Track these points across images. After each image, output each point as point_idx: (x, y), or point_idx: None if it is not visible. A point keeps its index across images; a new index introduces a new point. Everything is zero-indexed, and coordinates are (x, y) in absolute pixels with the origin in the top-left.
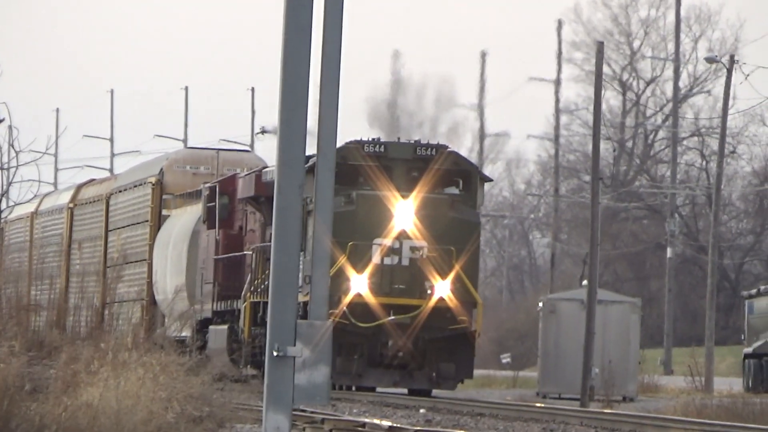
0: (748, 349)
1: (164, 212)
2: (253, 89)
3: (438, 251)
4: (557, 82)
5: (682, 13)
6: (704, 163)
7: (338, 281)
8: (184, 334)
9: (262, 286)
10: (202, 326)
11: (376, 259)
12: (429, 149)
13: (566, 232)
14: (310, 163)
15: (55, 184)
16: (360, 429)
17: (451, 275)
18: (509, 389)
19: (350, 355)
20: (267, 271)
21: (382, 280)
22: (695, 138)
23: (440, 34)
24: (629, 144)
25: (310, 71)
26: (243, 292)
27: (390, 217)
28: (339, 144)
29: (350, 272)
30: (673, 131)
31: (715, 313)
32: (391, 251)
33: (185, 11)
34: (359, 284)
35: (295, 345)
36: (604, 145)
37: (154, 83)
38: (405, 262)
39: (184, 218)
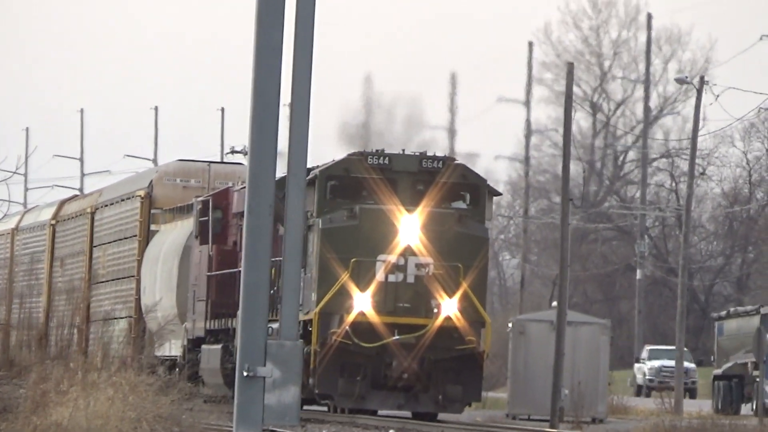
0: (718, 371)
1: (153, 227)
2: (223, 109)
3: (444, 268)
4: (527, 103)
5: (653, 34)
6: (674, 184)
7: (341, 299)
8: (173, 353)
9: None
10: (194, 345)
11: (380, 276)
12: (435, 161)
13: (536, 253)
14: (310, 176)
15: (24, 204)
16: None
17: (459, 293)
18: (478, 410)
19: (353, 377)
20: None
21: (386, 298)
22: (665, 159)
23: (411, 54)
24: (599, 165)
25: (281, 92)
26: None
27: (395, 233)
28: (341, 156)
29: (353, 290)
30: (643, 152)
31: (684, 335)
32: (396, 268)
33: (155, 31)
34: (362, 302)
35: (265, 365)
36: (574, 166)
37: (124, 103)
38: (410, 279)
39: (174, 233)
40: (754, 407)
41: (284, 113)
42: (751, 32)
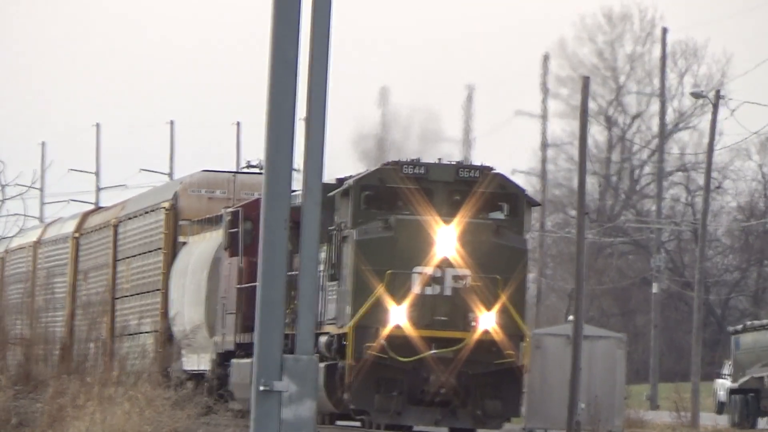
0: (735, 385)
1: (180, 239)
2: (238, 123)
3: (483, 280)
4: (543, 117)
5: (668, 48)
6: (690, 198)
7: (376, 312)
8: (202, 367)
9: (290, 318)
10: (224, 359)
11: (416, 288)
12: (472, 171)
13: (552, 267)
14: (345, 186)
15: (41, 218)
16: None
17: (497, 306)
18: None
19: (389, 392)
20: (295, 302)
21: (422, 312)
22: (681, 173)
23: (427, 68)
24: (615, 179)
25: (297, 106)
26: None
27: (431, 244)
28: (376, 166)
29: (389, 303)
30: (659, 166)
31: (701, 349)
32: (433, 280)
33: (171, 46)
34: (398, 316)
35: (281, 380)
36: (589, 180)
37: (140, 117)
38: (447, 291)
39: (202, 245)
40: None
41: (300, 128)
42: (766, 46)
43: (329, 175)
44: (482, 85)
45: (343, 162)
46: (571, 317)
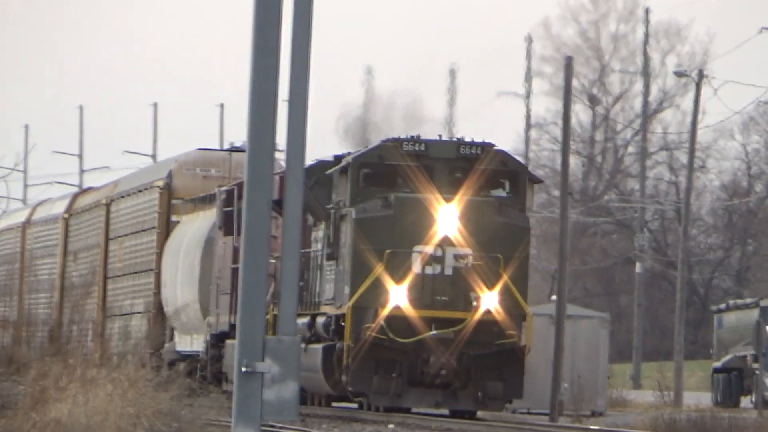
0: (718, 364)
1: (173, 218)
2: (222, 105)
3: (484, 259)
4: (527, 97)
5: (651, 27)
6: (673, 177)
7: (375, 293)
8: (196, 348)
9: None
10: (218, 340)
11: (416, 268)
12: (474, 148)
13: (535, 246)
14: (343, 164)
15: (24, 201)
16: None
17: (499, 285)
18: None
19: (388, 374)
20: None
21: (423, 292)
22: (664, 152)
23: (410, 49)
24: (598, 158)
25: (279, 88)
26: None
27: (432, 223)
28: (374, 144)
29: (388, 283)
30: (643, 146)
31: (684, 328)
32: (433, 260)
33: (155, 27)
34: (398, 296)
35: (263, 361)
36: (573, 160)
37: (123, 100)
38: (448, 271)
39: (196, 224)
40: (754, 400)
41: (283, 109)
42: (749, 25)
43: (312, 157)
44: (466, 66)
45: (328, 144)
46: (554, 297)
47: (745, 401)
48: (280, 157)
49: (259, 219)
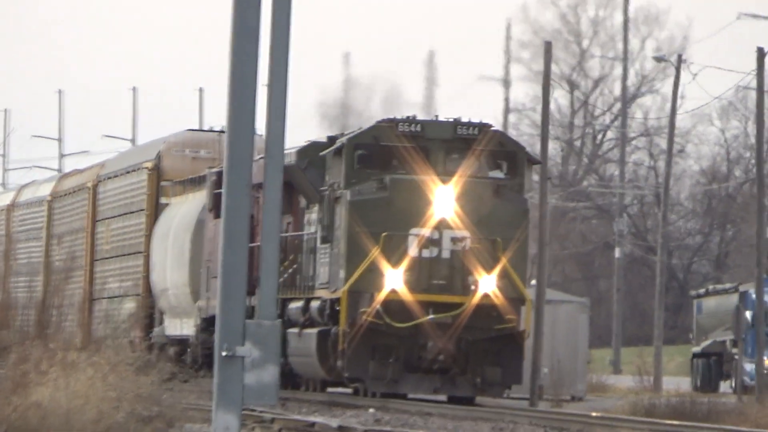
0: (697, 349)
1: (162, 200)
2: (201, 89)
3: (482, 242)
4: (506, 82)
5: (631, 12)
6: (653, 162)
7: (371, 276)
8: (186, 332)
9: (279, 281)
10: (208, 324)
11: (412, 251)
12: (471, 128)
13: None
14: (337, 145)
15: (3, 185)
16: (309, 429)
17: (497, 269)
18: None
19: (385, 359)
20: (283, 265)
21: (419, 275)
22: (644, 137)
23: (389, 33)
24: (578, 143)
25: (259, 72)
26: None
27: (428, 205)
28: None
29: (384, 266)
30: (622, 131)
31: (663, 313)
32: (430, 242)
33: (134, 11)
34: (394, 279)
35: (243, 345)
36: (552, 145)
37: (103, 84)
38: (445, 254)
39: (186, 207)
40: (733, 385)
41: (262, 93)
42: (728, 11)
43: (292, 141)
44: (445, 50)
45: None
46: (533, 282)
47: (725, 386)
48: (257, 139)
49: (238, 203)
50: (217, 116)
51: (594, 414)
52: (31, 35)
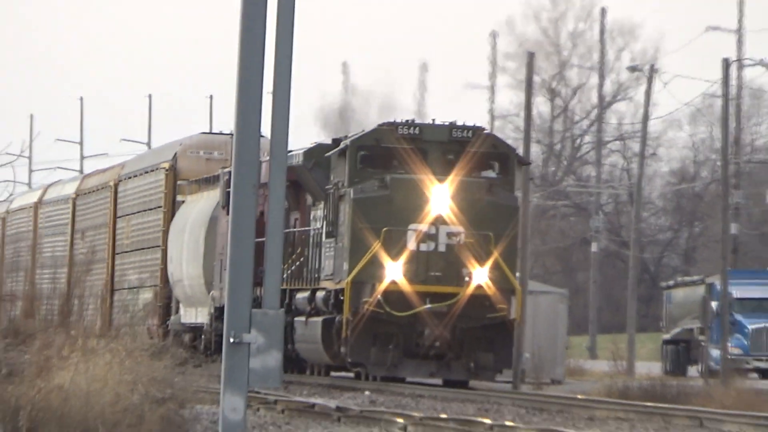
0: (667, 336)
1: (178, 198)
2: (211, 97)
3: (475, 237)
4: (492, 90)
5: (607, 26)
6: (626, 164)
7: (372, 268)
8: (200, 320)
9: (286, 273)
10: (221, 313)
11: (411, 245)
12: (465, 131)
13: None
14: (341, 146)
15: (29, 185)
16: (310, 409)
17: (489, 262)
18: None
19: (385, 345)
20: (291, 258)
21: (417, 267)
22: (618, 141)
23: (385, 44)
24: (558, 147)
25: (264, 81)
26: None
27: (426, 202)
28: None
29: (385, 259)
30: (598, 135)
31: (636, 303)
32: (427, 237)
33: (149, 25)
34: (394, 271)
35: (250, 332)
36: (534, 148)
37: (120, 92)
38: (441, 248)
39: (200, 204)
40: (700, 369)
41: (267, 100)
42: (696, 25)
43: (294, 143)
44: (436, 60)
45: (309, 131)
46: (517, 274)
47: (692, 370)
48: (266, 141)
49: (245, 202)
50: (226, 121)
51: (572, 396)
52: (54, 47)
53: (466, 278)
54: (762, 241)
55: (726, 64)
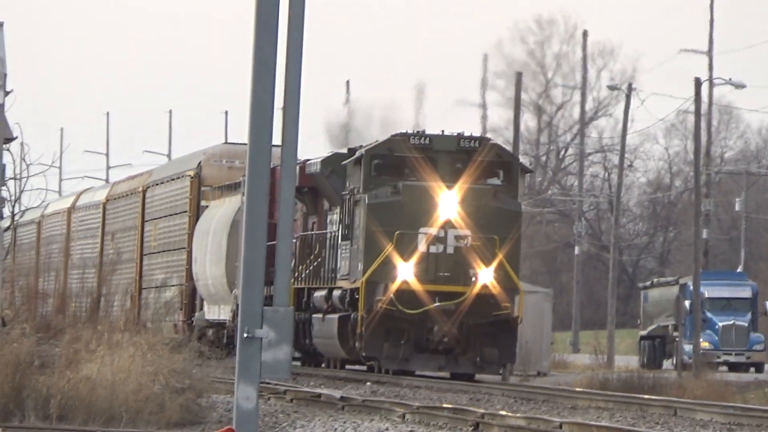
0: (644, 332)
1: (202, 203)
2: (226, 112)
3: (481, 240)
4: (483, 106)
5: (588, 48)
6: (606, 174)
7: (386, 269)
8: (223, 317)
9: (305, 273)
10: None
11: (422, 247)
12: (472, 141)
13: None
14: (357, 155)
15: (59, 193)
16: (316, 399)
17: (495, 263)
18: None
19: (397, 341)
20: (309, 259)
21: (427, 268)
22: (599, 154)
23: (386, 63)
24: (543, 158)
25: (275, 97)
26: None
27: (435, 207)
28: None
29: (397, 260)
30: (581, 148)
31: (615, 302)
32: (437, 240)
33: (170, 46)
34: (406, 272)
35: (262, 328)
36: (522, 160)
37: (143, 106)
38: (450, 250)
39: (223, 209)
40: (674, 362)
41: (278, 115)
42: (671, 46)
43: (303, 154)
44: (432, 79)
45: (316, 142)
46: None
47: (667, 364)
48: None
49: (257, 208)
50: (240, 134)
51: (557, 387)
52: (82, 66)
53: (473, 278)
54: (731, 245)
55: (698, 83)
